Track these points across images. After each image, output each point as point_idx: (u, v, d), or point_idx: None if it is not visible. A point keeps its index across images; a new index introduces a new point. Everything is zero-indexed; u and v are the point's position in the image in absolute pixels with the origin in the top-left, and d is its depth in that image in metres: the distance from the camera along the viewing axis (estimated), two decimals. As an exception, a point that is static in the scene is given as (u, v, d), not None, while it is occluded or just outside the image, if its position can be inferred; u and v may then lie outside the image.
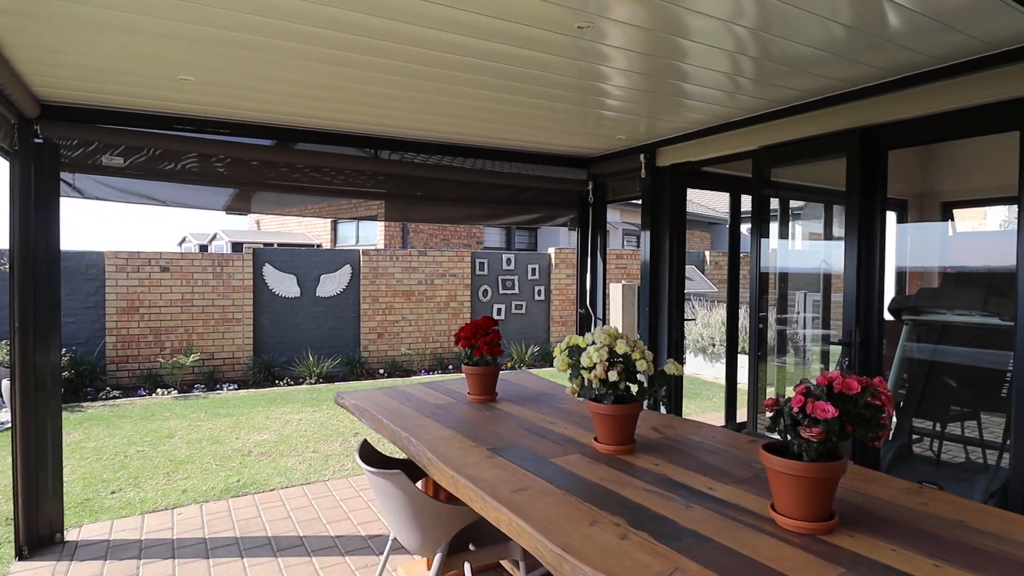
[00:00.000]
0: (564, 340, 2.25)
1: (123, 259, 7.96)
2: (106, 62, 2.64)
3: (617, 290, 9.32)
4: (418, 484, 2.62)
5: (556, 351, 2.24)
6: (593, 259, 5.19)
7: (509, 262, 10.64)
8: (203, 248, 17.07)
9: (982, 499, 3.42)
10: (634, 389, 2.14)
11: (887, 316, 3.74)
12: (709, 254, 12.81)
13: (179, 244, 19.69)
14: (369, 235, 14.34)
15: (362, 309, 9.44)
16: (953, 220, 5.61)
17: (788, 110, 3.33)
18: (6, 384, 6.55)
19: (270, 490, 4.26)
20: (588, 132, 4.02)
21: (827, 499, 1.48)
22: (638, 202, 4.62)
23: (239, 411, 6.68)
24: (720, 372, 8.70)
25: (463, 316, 10.15)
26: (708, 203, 17.74)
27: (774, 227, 4.02)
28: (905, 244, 5.76)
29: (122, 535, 3.53)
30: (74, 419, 6.21)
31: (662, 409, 4.48)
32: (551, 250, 11.12)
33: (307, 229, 15.98)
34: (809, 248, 4.74)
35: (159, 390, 7.68)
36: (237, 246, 13.63)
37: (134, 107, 3.38)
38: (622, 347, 2.08)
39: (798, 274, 4.60)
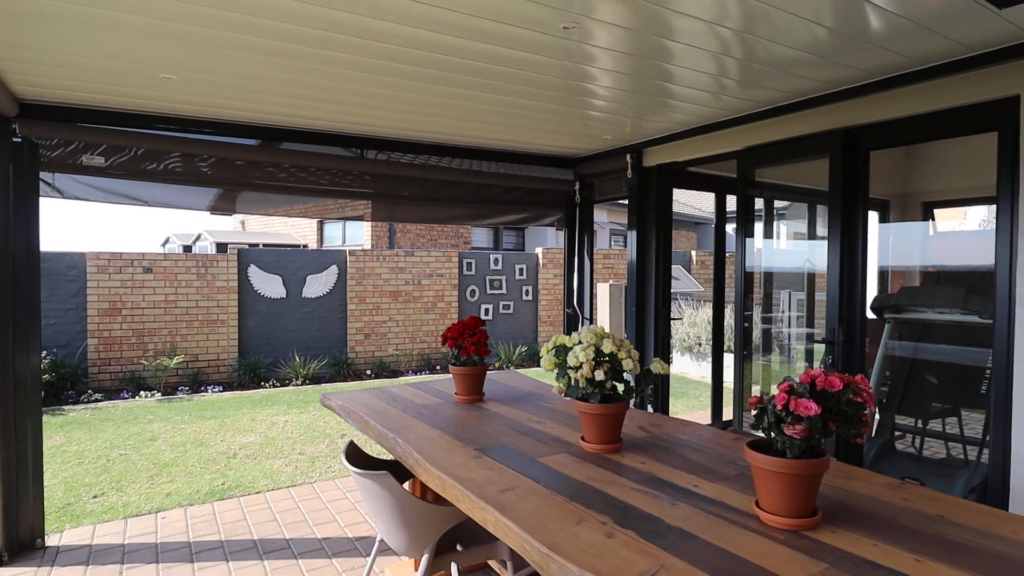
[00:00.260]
0: (551, 340, 2.25)
1: (105, 260, 7.85)
2: (86, 60, 2.60)
3: (604, 290, 9.35)
4: (405, 485, 2.61)
5: (543, 351, 2.24)
6: (580, 259, 5.21)
7: (497, 262, 10.64)
8: (187, 249, 16.88)
9: (962, 494, 3.48)
10: (620, 388, 2.15)
11: (869, 315, 3.79)
12: (695, 254, 12.90)
13: (162, 245, 19.45)
14: (356, 235, 14.27)
15: (349, 310, 9.39)
16: (934, 220, 5.70)
17: (772, 111, 3.36)
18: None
19: (256, 493, 4.22)
20: (575, 132, 4.03)
21: (810, 495, 1.50)
22: (625, 202, 4.64)
23: (224, 413, 6.61)
24: (706, 371, 8.76)
25: (451, 316, 10.13)
26: (694, 203, 17.86)
27: (759, 227, 4.06)
28: (887, 243, 5.83)
29: (105, 540, 3.49)
30: (55, 423, 6.11)
31: (649, 408, 4.50)
32: (539, 250, 11.13)
33: (293, 229, 15.87)
34: (793, 248, 4.79)
35: (142, 392, 7.58)
36: (222, 247, 13.50)
37: (116, 106, 3.33)
38: (608, 346, 2.09)
39: (783, 273, 4.65)
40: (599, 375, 2.05)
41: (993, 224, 2.69)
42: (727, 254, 5.28)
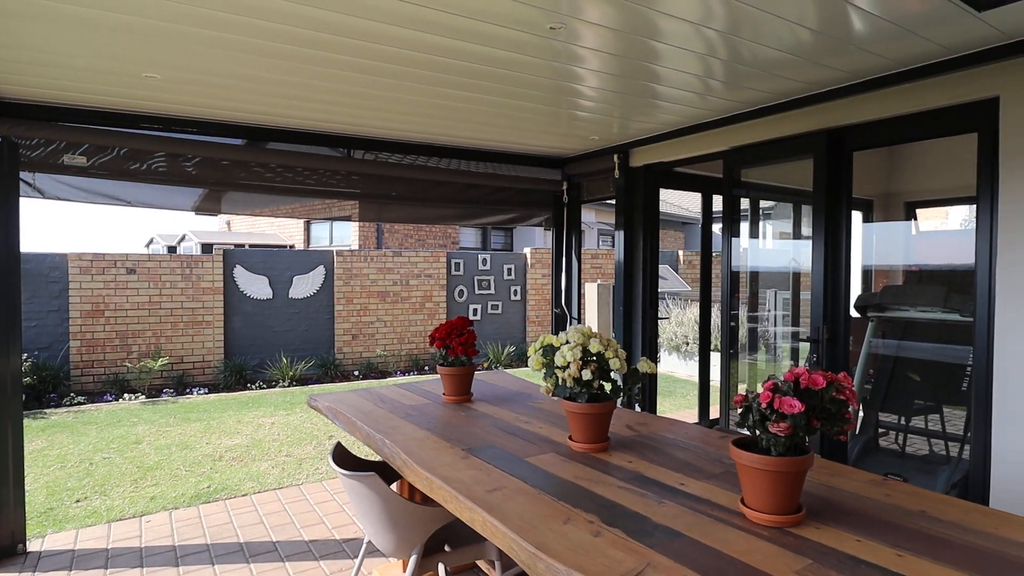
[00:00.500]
0: (538, 340, 2.25)
1: (87, 261, 7.75)
2: (67, 58, 2.57)
3: (592, 289, 9.38)
4: (393, 486, 2.61)
5: (530, 351, 2.25)
6: (568, 259, 5.22)
7: (485, 262, 10.64)
8: (171, 249, 16.70)
9: (944, 490, 3.53)
10: (608, 387, 2.15)
11: (854, 313, 3.84)
12: (683, 253, 12.97)
13: (146, 245, 19.23)
14: (343, 235, 14.20)
15: (336, 310, 9.34)
16: (916, 219, 5.78)
17: (757, 112, 3.39)
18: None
19: (242, 495, 4.19)
20: (562, 132, 4.04)
21: (795, 492, 1.51)
22: (612, 202, 4.66)
23: (210, 415, 6.55)
24: (694, 370, 8.82)
25: (439, 317, 10.11)
26: (681, 203, 17.96)
27: (745, 227, 4.09)
28: (871, 243, 5.90)
29: (88, 544, 3.44)
30: (36, 426, 6.02)
31: (637, 407, 4.52)
32: (527, 250, 11.14)
33: (279, 230, 15.75)
34: (779, 247, 4.83)
35: (126, 395, 7.49)
36: (207, 247, 13.38)
37: (98, 105, 3.29)
38: (595, 346, 2.09)
39: (768, 273, 4.68)
40: (586, 374, 2.06)
41: (974, 224, 2.74)
42: (714, 254, 5.31)
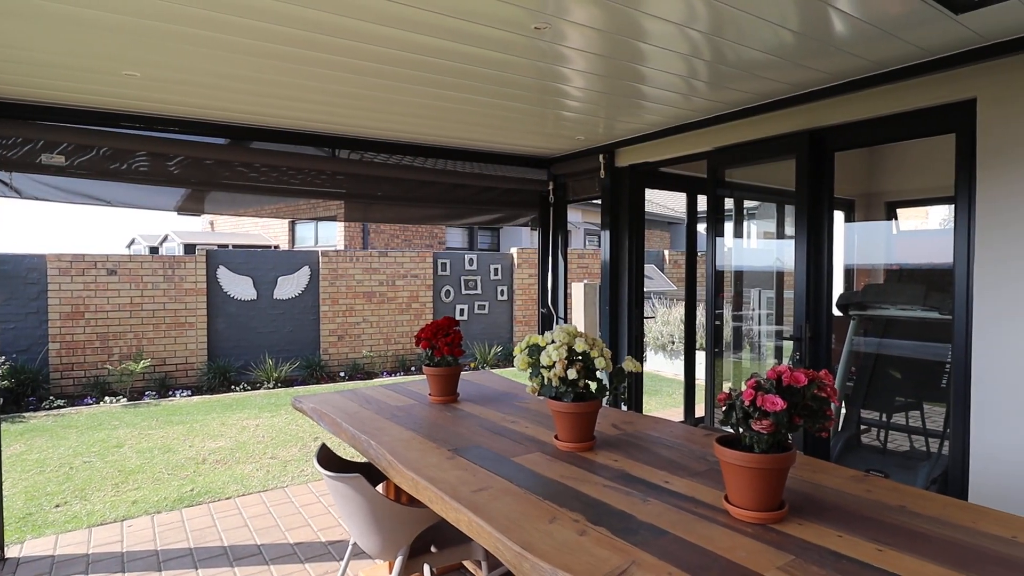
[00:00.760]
0: (524, 339, 2.26)
1: (67, 262, 7.62)
2: (43, 56, 2.52)
3: (579, 289, 9.40)
4: (379, 487, 2.59)
5: (516, 350, 2.25)
6: (555, 259, 5.23)
7: (472, 262, 10.62)
8: (153, 250, 16.48)
9: (924, 485, 3.58)
10: (593, 387, 2.16)
11: (836, 312, 3.88)
12: (668, 253, 13.05)
13: (128, 246, 18.96)
14: (329, 236, 14.11)
15: (322, 311, 9.27)
16: (897, 219, 5.86)
17: (741, 112, 3.42)
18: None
19: (226, 498, 4.14)
20: (548, 132, 4.05)
21: (777, 489, 1.53)
22: (598, 202, 4.67)
23: (193, 418, 6.47)
24: (680, 369, 8.87)
25: (425, 317, 10.08)
26: (667, 203, 18.08)
27: (729, 226, 4.13)
28: (853, 242, 5.98)
29: (68, 550, 3.38)
30: (15, 430, 5.91)
31: (623, 406, 4.54)
32: (514, 250, 11.14)
33: (264, 230, 15.61)
34: (763, 247, 4.88)
35: (107, 398, 7.38)
36: (190, 247, 13.21)
37: (77, 103, 3.23)
38: (581, 345, 2.10)
39: (753, 272, 4.73)
40: (572, 374, 2.06)
41: (952, 223, 2.78)
42: (699, 253, 5.35)
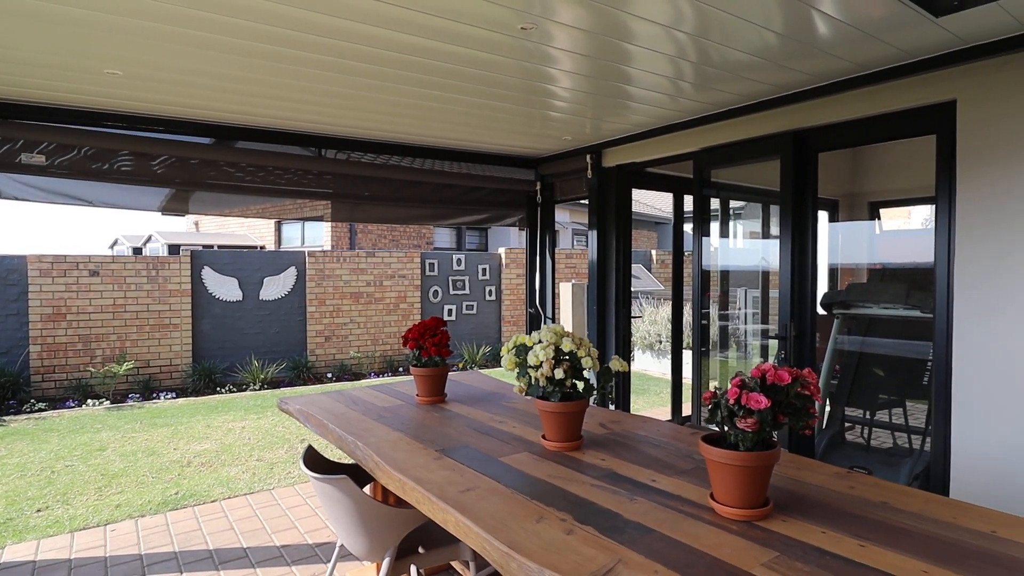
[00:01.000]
0: (511, 339, 2.26)
1: (48, 263, 7.50)
2: (23, 54, 2.48)
3: (567, 289, 9.42)
4: (366, 489, 2.58)
5: (503, 350, 2.25)
6: (542, 259, 5.24)
7: (460, 262, 10.61)
8: (137, 251, 16.29)
9: (907, 481, 3.63)
10: (580, 386, 2.17)
11: (820, 311, 3.92)
12: (656, 253, 13.12)
13: (110, 247, 18.73)
14: (315, 236, 14.02)
15: (308, 312, 9.21)
16: (880, 219, 5.94)
17: (726, 113, 3.45)
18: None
19: (211, 501, 4.10)
20: (535, 132, 4.05)
21: (762, 486, 1.54)
22: (586, 202, 4.68)
23: (177, 420, 6.40)
24: (667, 368, 8.91)
25: (413, 317, 10.05)
26: (655, 203, 18.17)
27: (715, 226, 4.16)
28: (837, 242, 6.05)
29: (49, 555, 3.33)
30: (-6, 434, 5.81)
31: (610, 406, 4.56)
32: (501, 250, 11.14)
33: (249, 230, 15.47)
34: (749, 246, 4.92)
35: (90, 401, 7.27)
36: (174, 248, 13.08)
37: (57, 102, 3.19)
38: (568, 345, 2.10)
39: (739, 271, 4.76)
40: (559, 373, 2.07)
41: (934, 223, 2.82)
42: (686, 253, 5.39)
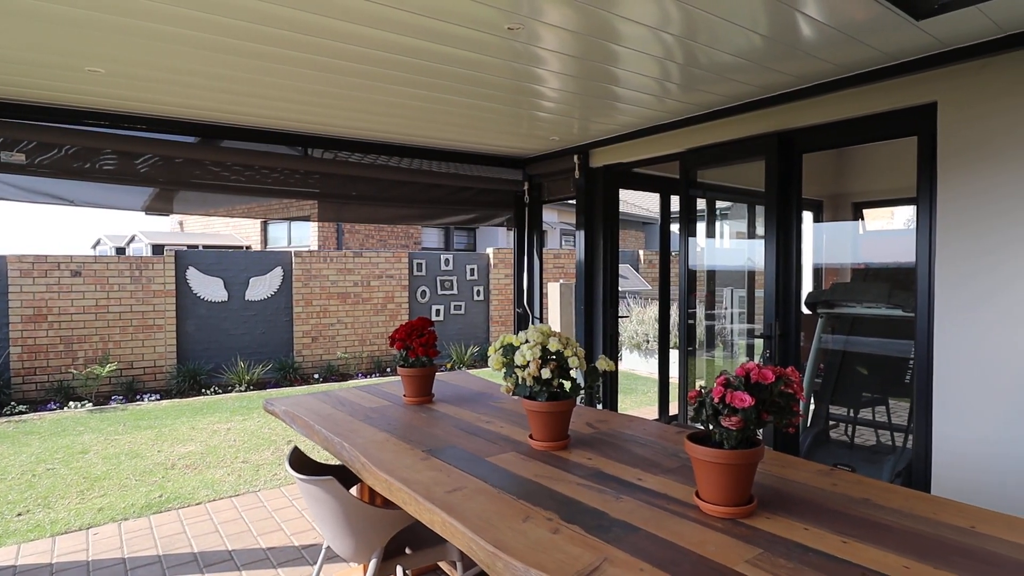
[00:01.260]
0: (499, 339, 2.26)
1: (28, 263, 7.39)
2: (1, 51, 2.44)
3: (555, 289, 9.43)
4: (353, 490, 2.57)
5: (490, 350, 2.25)
6: (530, 259, 5.24)
7: (448, 263, 10.59)
8: (120, 251, 16.09)
9: (889, 478, 3.68)
10: (567, 386, 2.17)
11: (804, 310, 3.97)
12: (643, 253, 13.18)
13: (93, 247, 18.47)
14: (302, 236, 13.92)
15: (295, 312, 9.15)
16: (863, 219, 6.01)
17: (712, 114, 3.48)
18: None
19: (196, 504, 4.06)
20: (523, 133, 4.06)
21: (746, 484, 1.56)
22: (574, 202, 4.70)
23: (161, 422, 6.33)
24: (654, 367, 8.96)
25: (401, 318, 10.02)
26: (642, 203, 18.25)
27: (701, 226, 4.19)
28: (821, 242, 6.12)
29: (30, 560, 3.28)
30: (-27, 437, 5.71)
31: (598, 405, 4.57)
32: (490, 250, 11.14)
33: (235, 230, 15.34)
34: (735, 247, 4.96)
35: (71, 403, 7.17)
36: (158, 248, 12.93)
37: (37, 100, 3.14)
38: (555, 345, 2.11)
39: (725, 271, 4.80)
40: (545, 373, 2.07)
41: (916, 223, 2.86)
42: (672, 253, 5.42)
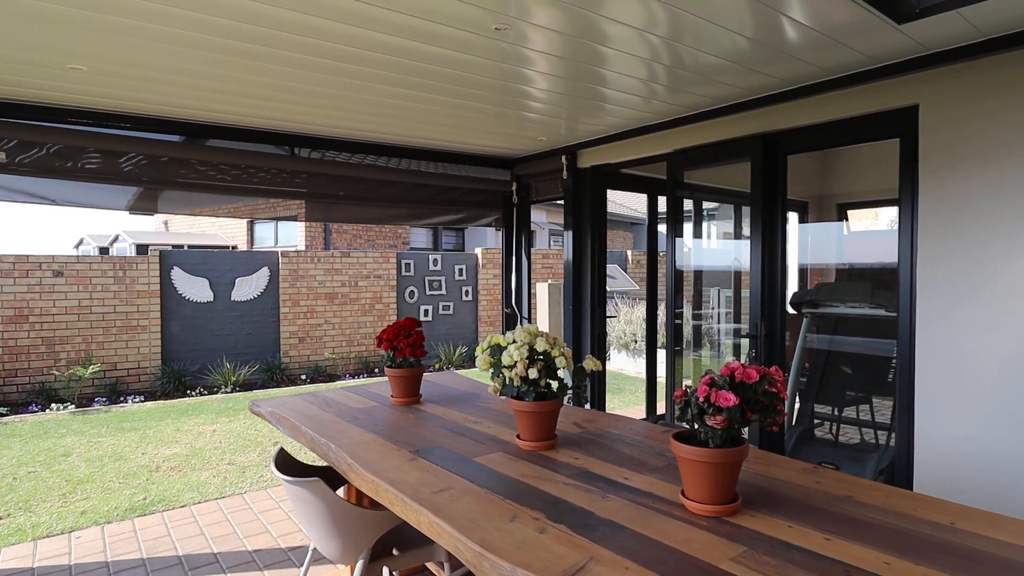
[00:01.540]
0: (486, 339, 2.26)
1: (9, 263, 7.27)
2: (-19, 46, 2.41)
3: (544, 289, 9.44)
4: (340, 491, 2.56)
5: (478, 350, 2.25)
6: (518, 259, 5.25)
7: (436, 263, 10.56)
8: (103, 251, 15.89)
9: (872, 476, 3.73)
10: (555, 385, 2.18)
11: (790, 310, 4.01)
12: (631, 253, 13.24)
13: (76, 246, 18.22)
14: (289, 236, 13.83)
15: (282, 313, 9.09)
16: (848, 220, 6.08)
17: (699, 115, 3.50)
18: None
19: (181, 507, 4.02)
20: (511, 133, 4.06)
21: (731, 483, 1.57)
22: (562, 202, 4.71)
23: (146, 424, 6.26)
24: (642, 367, 8.99)
25: (389, 318, 9.98)
26: (630, 204, 18.32)
27: (688, 227, 4.21)
28: (806, 242, 6.18)
29: (11, 564, 3.23)
30: (-48, 440, 5.61)
31: (586, 405, 4.58)
32: (478, 250, 11.13)
33: (221, 230, 15.20)
34: (722, 247, 5.00)
35: (54, 405, 7.07)
36: (142, 248, 12.79)
37: (18, 98, 3.09)
38: (542, 345, 2.11)
39: (712, 272, 4.84)
40: (533, 373, 2.08)
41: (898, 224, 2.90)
42: (660, 253, 5.44)
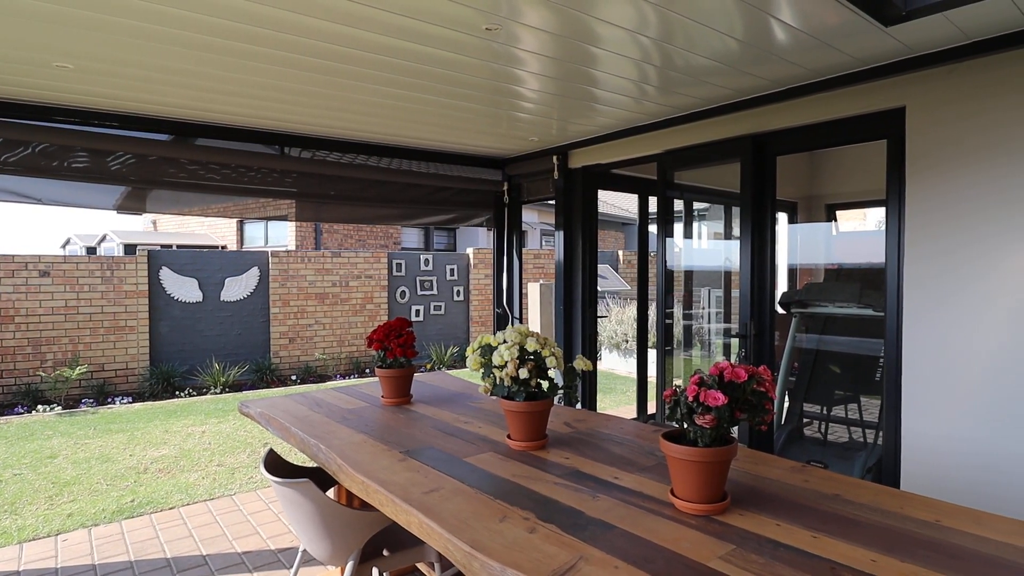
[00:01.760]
0: (477, 339, 2.26)
1: (-6, 263, 7.19)
2: (-35, 44, 2.37)
3: (535, 289, 9.45)
4: (330, 492, 2.55)
5: (469, 351, 2.25)
6: (509, 259, 5.25)
7: (427, 263, 10.55)
8: (91, 250, 15.72)
9: (860, 474, 3.76)
10: (545, 385, 2.18)
11: (779, 309, 4.03)
12: (623, 253, 13.27)
13: (63, 246, 18.02)
14: (280, 236, 13.75)
15: (272, 313, 9.04)
16: (836, 221, 6.13)
17: (689, 116, 3.52)
18: None
19: (169, 508, 3.99)
20: (502, 133, 4.06)
21: (719, 481, 1.58)
22: (553, 203, 4.71)
23: (134, 426, 6.20)
24: (633, 367, 9.02)
25: (380, 318, 9.95)
26: (621, 204, 18.36)
27: (679, 227, 4.23)
28: (796, 243, 6.23)
29: (-6, 568, 3.20)
30: (-65, 443, 5.54)
31: (577, 405, 4.59)
32: (470, 250, 11.12)
33: (210, 230, 15.09)
34: (712, 247, 5.02)
35: (40, 406, 6.99)
36: (130, 248, 12.67)
37: (4, 96, 3.05)
38: (532, 345, 2.11)
39: (702, 272, 4.86)
40: (523, 373, 2.08)
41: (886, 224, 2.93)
42: (651, 254, 5.46)
